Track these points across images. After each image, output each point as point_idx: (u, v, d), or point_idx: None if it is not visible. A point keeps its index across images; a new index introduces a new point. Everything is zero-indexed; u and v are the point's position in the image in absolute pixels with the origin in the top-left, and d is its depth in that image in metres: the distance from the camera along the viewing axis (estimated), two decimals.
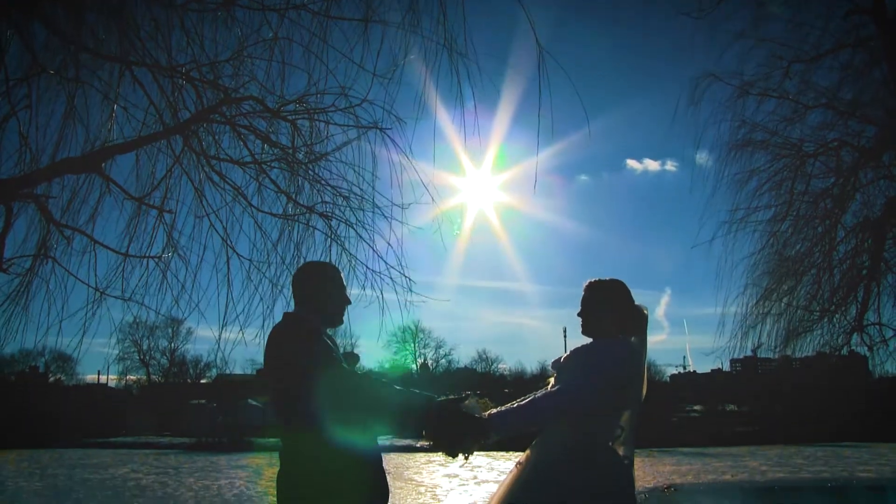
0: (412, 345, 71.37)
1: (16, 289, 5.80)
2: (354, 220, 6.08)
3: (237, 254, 6.01)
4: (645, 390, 3.39)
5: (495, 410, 3.18)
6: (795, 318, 10.82)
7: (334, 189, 6.04)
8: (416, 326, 69.70)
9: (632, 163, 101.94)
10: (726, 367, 65.95)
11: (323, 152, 6.01)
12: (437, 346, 73.28)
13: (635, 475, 3.27)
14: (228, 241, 5.94)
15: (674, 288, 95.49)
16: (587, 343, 3.42)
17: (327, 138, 6.05)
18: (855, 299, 10.75)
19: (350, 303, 3.45)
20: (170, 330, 67.26)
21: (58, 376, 70.34)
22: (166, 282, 6.05)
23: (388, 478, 3.25)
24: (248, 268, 6.10)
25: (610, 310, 3.40)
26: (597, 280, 3.50)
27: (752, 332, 11.02)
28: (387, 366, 67.58)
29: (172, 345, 71.74)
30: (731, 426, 58.91)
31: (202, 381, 74.31)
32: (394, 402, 3.11)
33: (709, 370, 74.69)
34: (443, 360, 73.32)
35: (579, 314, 3.50)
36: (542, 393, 3.22)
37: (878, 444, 44.82)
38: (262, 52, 5.99)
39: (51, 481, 24.43)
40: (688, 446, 47.27)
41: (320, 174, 6.04)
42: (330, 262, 6.13)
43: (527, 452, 3.32)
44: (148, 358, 72.39)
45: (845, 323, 10.87)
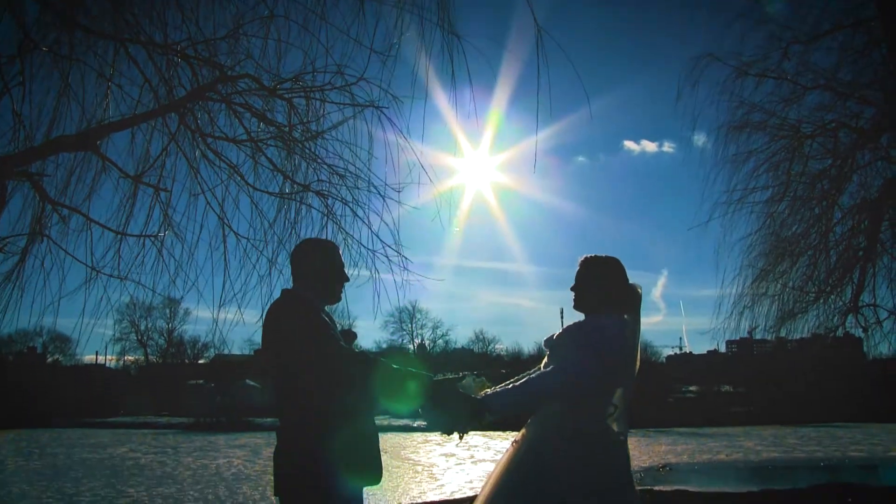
0: (409, 325, 71.64)
1: (11, 268, 5.79)
2: (351, 199, 6.07)
3: (234, 232, 6.00)
4: (637, 368, 3.39)
5: (491, 391, 3.19)
6: (791, 299, 10.87)
7: (330, 168, 6.02)
8: (414, 307, 69.94)
9: (629, 144, 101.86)
10: (722, 349, 66.18)
11: (319, 130, 5.99)
12: (435, 327, 73.56)
13: (630, 454, 3.28)
14: (225, 220, 5.94)
15: (671, 269, 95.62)
16: (579, 320, 3.42)
17: (323, 116, 6.03)
18: (851, 280, 10.78)
19: (348, 280, 3.44)
20: (167, 310, 67.41)
21: (56, 357, 70.55)
22: (162, 261, 6.05)
23: (385, 457, 3.27)
24: (246, 246, 6.09)
25: (604, 286, 3.39)
26: (593, 256, 3.50)
27: (747, 312, 11.07)
28: (384, 346, 67.80)
29: (170, 325, 71.98)
30: (726, 407, 59.27)
31: (200, 362, 74.56)
32: (390, 381, 3.12)
33: (705, 352, 75.00)
34: (440, 340, 73.63)
35: (572, 289, 3.49)
36: (537, 373, 3.22)
37: (871, 425, 45.19)
38: (257, 29, 5.95)
39: (50, 460, 24.55)
40: (683, 426, 47.58)
41: (317, 152, 6.03)
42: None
43: (522, 431, 3.34)
44: (146, 339, 72.63)
45: (841, 304, 10.91)
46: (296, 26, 5.78)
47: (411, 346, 70.78)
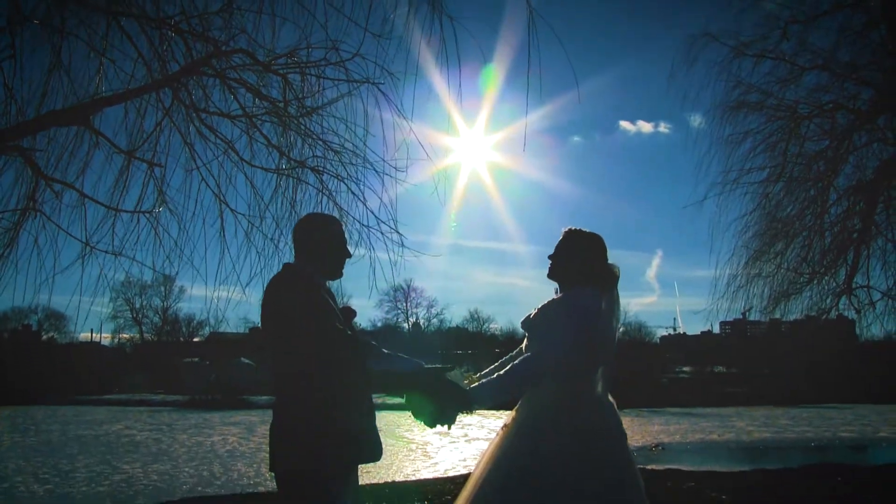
0: (404, 304, 71.77)
1: (5, 243, 5.75)
2: (346, 175, 6.04)
3: (229, 208, 5.97)
4: (615, 348, 3.38)
5: (477, 383, 3.17)
6: (785, 280, 10.90)
7: (325, 144, 5.97)
8: (409, 286, 70.02)
9: (625, 124, 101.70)
10: (716, 330, 66.55)
11: (315, 106, 5.94)
12: (430, 306, 73.72)
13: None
14: (221, 196, 5.90)
15: (665, 250, 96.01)
16: (556, 297, 3.40)
17: (319, 92, 5.98)
18: (845, 262, 10.81)
19: (350, 256, 3.41)
20: (162, 288, 67.31)
21: (51, 334, 70.51)
22: (158, 238, 6.02)
23: (380, 435, 3.26)
24: (246, 227, 6.07)
25: (582, 260, 3.37)
26: (576, 229, 3.47)
27: (741, 293, 11.11)
28: (378, 325, 67.93)
29: (165, 303, 71.97)
30: (719, 387, 59.70)
31: (195, 340, 74.63)
32: (379, 368, 3.11)
33: (699, 332, 75.42)
34: (434, 319, 73.79)
35: (551, 257, 3.47)
36: (521, 359, 3.19)
37: (862, 406, 45.60)
38: (251, 3, 5.86)
39: (45, 437, 24.65)
40: (676, 406, 47.94)
41: (312, 128, 5.98)
42: None
43: (512, 415, 3.33)
44: (141, 316, 72.68)
45: (834, 286, 10.95)
46: (290, 0, 5.72)
47: (406, 325, 71.00)
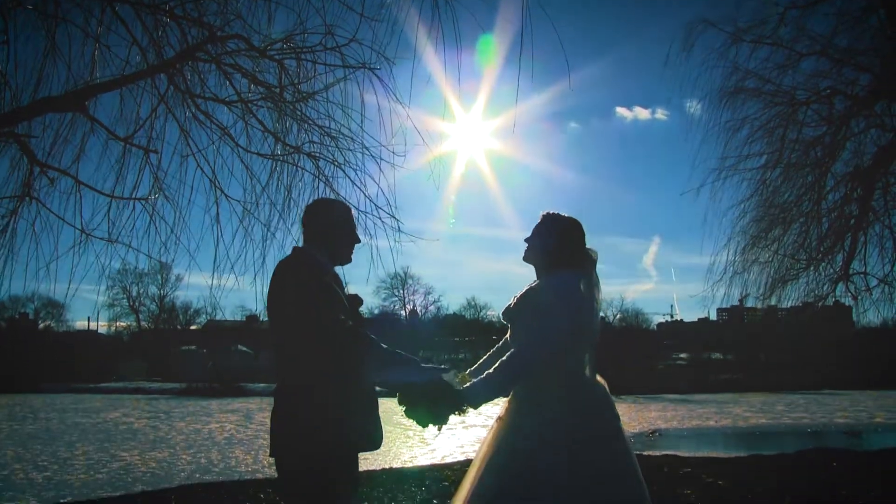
0: (401, 291, 71.76)
1: (1, 230, 5.72)
2: (343, 161, 6.02)
3: (225, 194, 5.95)
4: (598, 332, 3.34)
5: (469, 383, 3.12)
6: (782, 266, 10.90)
7: (322, 129, 5.95)
8: (406, 273, 70.01)
9: (621, 110, 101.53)
10: (713, 317, 66.71)
11: (311, 91, 5.91)
12: (427, 293, 73.71)
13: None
14: (216, 182, 5.88)
15: (663, 236, 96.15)
16: (534, 285, 3.37)
17: (314, 77, 5.95)
18: (842, 248, 10.82)
19: (359, 241, 3.40)
20: (159, 276, 67.16)
21: (47, 322, 70.51)
22: (154, 226, 6.00)
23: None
24: (241, 212, 6.05)
25: (564, 244, 3.35)
26: (555, 213, 3.45)
27: (738, 279, 11.11)
28: (376, 312, 67.96)
29: (162, 291, 71.84)
30: (715, 374, 59.95)
31: (192, 328, 74.67)
32: (378, 362, 3.09)
33: (695, 319, 75.61)
34: (432, 306, 73.84)
35: (528, 240, 3.44)
36: (508, 355, 3.11)
37: (857, 392, 45.84)
38: None
39: (43, 425, 24.69)
40: (673, 393, 48.16)
41: (308, 114, 5.95)
42: None
43: (505, 407, 3.30)
44: (137, 304, 72.64)
45: (831, 272, 10.96)
46: None
47: (403, 313, 71.04)
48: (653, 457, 11.24)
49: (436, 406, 3.01)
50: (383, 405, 3.30)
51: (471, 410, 3.06)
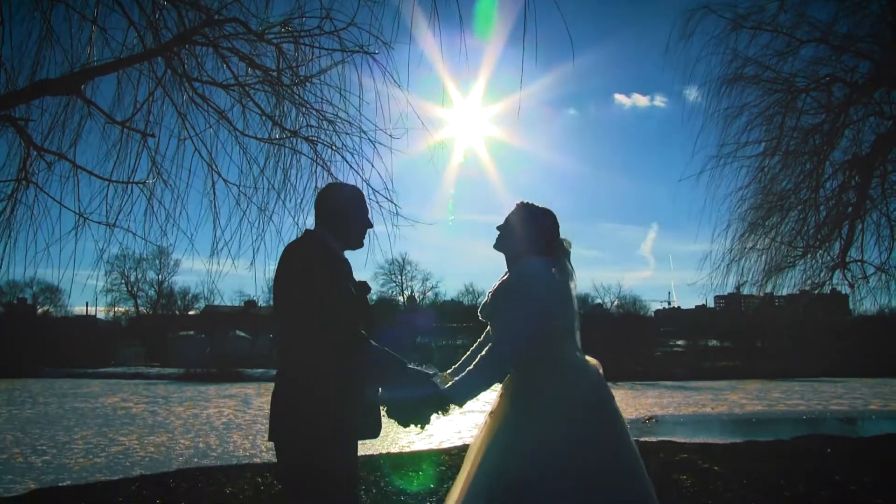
0: (399, 277, 71.80)
1: None
2: (340, 145, 6.01)
3: (223, 178, 5.95)
4: (577, 319, 3.32)
5: (450, 382, 3.12)
6: (779, 253, 10.93)
7: (319, 113, 5.94)
8: (404, 259, 70.06)
9: (620, 97, 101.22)
10: (710, 304, 66.79)
11: (308, 75, 5.89)
12: (424, 279, 73.76)
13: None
14: (214, 166, 5.87)
15: (661, 223, 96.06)
16: (506, 278, 3.35)
17: (312, 61, 5.92)
18: (839, 236, 10.83)
19: (371, 226, 3.37)
20: (157, 262, 67.21)
21: (46, 308, 70.53)
22: (151, 209, 6.00)
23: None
24: (237, 195, 6.05)
25: (531, 233, 3.33)
26: (528, 202, 3.43)
27: (735, 266, 11.13)
28: (374, 298, 67.98)
29: (160, 277, 71.85)
30: (712, 361, 60.12)
31: (190, 313, 74.72)
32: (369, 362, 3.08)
33: (693, 306, 75.76)
34: (430, 292, 73.90)
35: (500, 228, 3.42)
36: (487, 351, 3.12)
37: (853, 380, 46.02)
38: None
39: (42, 409, 24.74)
40: (670, 380, 48.32)
41: (306, 98, 5.94)
42: (316, 187, 6.09)
43: (497, 400, 3.29)
44: (136, 290, 72.58)
45: (828, 259, 10.98)
46: None
47: (401, 299, 71.07)
48: (649, 443, 11.29)
49: (418, 406, 3.00)
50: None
51: (455, 408, 3.06)
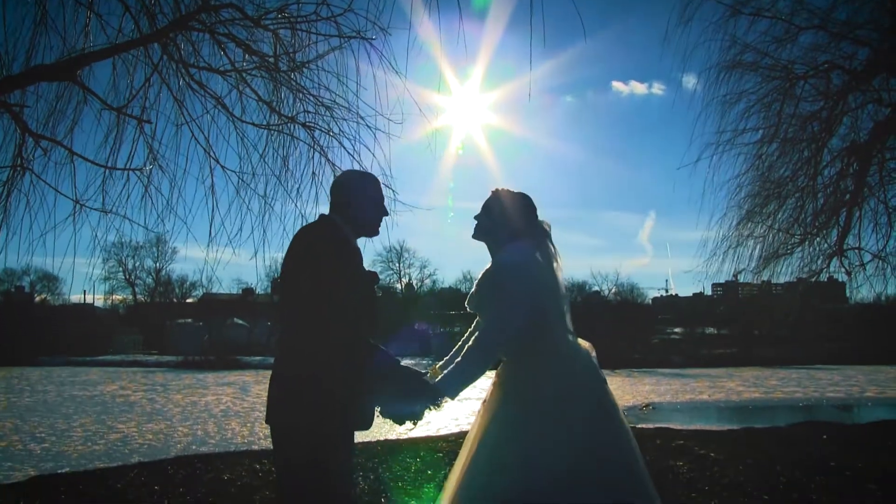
0: (397, 265, 71.81)
1: None
2: (338, 131, 5.98)
3: (220, 165, 5.93)
4: (566, 301, 3.31)
5: (440, 375, 3.11)
6: (777, 240, 10.93)
7: (316, 99, 5.91)
8: (402, 246, 70.07)
9: (617, 85, 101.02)
10: (708, 292, 66.92)
11: (305, 60, 5.86)
12: (422, 266, 73.71)
13: (617, 400, 3.19)
14: (211, 153, 5.85)
15: (659, 211, 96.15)
16: (488, 268, 3.34)
17: (309, 46, 5.89)
18: (837, 223, 10.84)
19: (387, 214, 3.33)
20: (155, 249, 67.11)
21: (43, 296, 70.48)
22: (149, 196, 5.98)
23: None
24: (236, 181, 6.04)
25: (509, 218, 3.32)
26: (505, 189, 3.41)
27: (732, 253, 11.13)
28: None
29: (158, 264, 71.76)
30: (709, 349, 60.29)
31: (188, 301, 74.72)
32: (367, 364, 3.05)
33: (690, 294, 75.91)
34: (427, 280, 73.92)
35: (477, 217, 3.41)
36: (474, 340, 3.11)
37: (849, 367, 46.20)
38: None
39: (41, 397, 24.80)
40: (667, 367, 48.48)
41: (303, 84, 5.91)
42: (313, 173, 6.09)
43: (490, 388, 3.28)
44: (133, 277, 72.53)
45: (826, 247, 10.99)
46: None
47: (399, 286, 71.09)
48: (646, 430, 11.35)
49: (410, 402, 2.99)
50: None
51: (448, 401, 3.04)
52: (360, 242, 3.31)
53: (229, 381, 32.84)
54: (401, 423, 3.07)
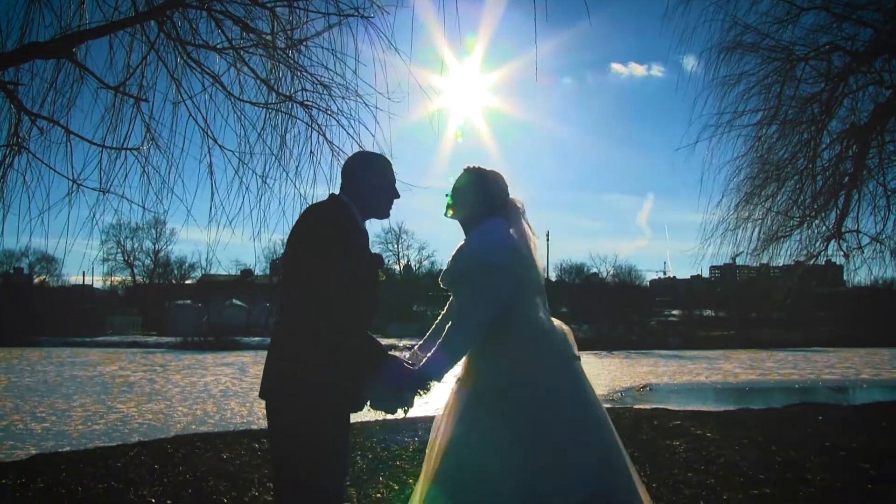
0: (395, 246, 71.85)
1: None
2: (336, 110, 5.95)
3: (218, 144, 5.90)
4: (542, 278, 3.29)
5: (423, 360, 3.07)
6: (775, 223, 10.93)
7: (314, 77, 5.88)
8: (400, 228, 70.12)
9: (617, 66, 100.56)
10: (706, 274, 66.96)
11: (303, 38, 5.82)
12: (420, 248, 73.84)
13: (611, 376, 3.19)
14: (209, 132, 5.82)
15: (657, 194, 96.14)
16: (461, 247, 3.34)
17: (307, 23, 5.85)
18: (835, 206, 10.84)
19: (398, 196, 3.28)
20: (153, 231, 67.06)
21: (42, 277, 70.49)
22: (146, 176, 5.96)
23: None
24: (235, 161, 6.01)
25: (481, 197, 3.29)
26: (476, 166, 3.38)
27: (730, 235, 11.13)
28: None
29: (156, 246, 71.71)
30: (707, 331, 60.54)
31: (187, 282, 74.78)
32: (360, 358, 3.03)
33: (688, 277, 76.05)
34: (426, 261, 73.97)
35: (448, 195, 3.38)
36: (450, 326, 3.10)
37: (846, 350, 46.41)
38: None
39: (41, 377, 24.86)
40: (664, 349, 48.67)
41: (300, 62, 5.87)
42: (311, 152, 6.06)
43: (464, 366, 3.26)
44: (132, 259, 72.49)
45: (824, 229, 11.00)
46: None
47: (397, 267, 71.13)
48: (643, 410, 11.41)
49: (398, 390, 2.97)
50: None
51: (435, 384, 3.02)
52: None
53: (228, 362, 32.95)
54: (393, 412, 3.06)
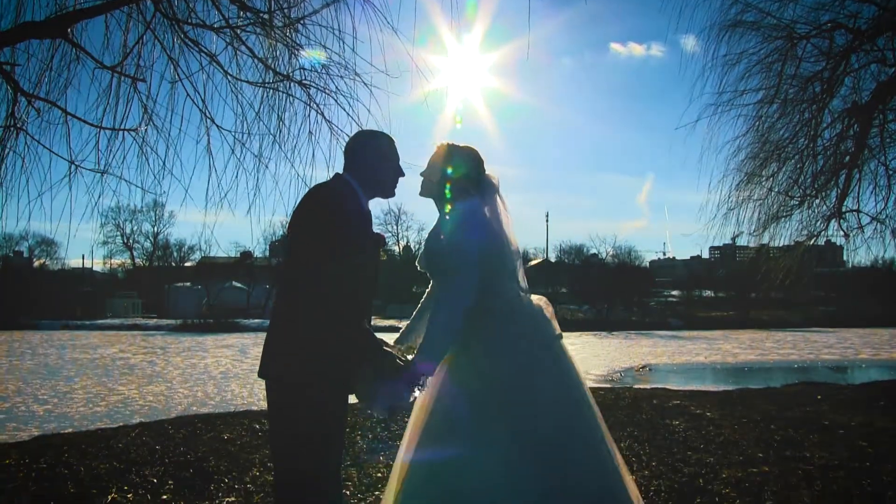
0: (395, 227, 71.85)
1: None
2: (334, 89, 5.91)
3: (216, 124, 5.86)
4: (516, 257, 3.26)
5: (416, 355, 3.01)
6: (776, 202, 10.91)
7: (311, 56, 5.83)
8: (399, 209, 70.13)
9: (616, 46, 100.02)
10: (705, 255, 67.10)
11: (301, 16, 5.76)
12: (420, 229, 73.55)
13: (610, 356, 3.18)
14: (207, 112, 5.78)
15: (657, 174, 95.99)
16: (435, 225, 3.31)
17: (305, 1, 5.79)
18: (836, 185, 10.81)
19: (403, 175, 3.22)
20: (153, 213, 67.03)
21: (42, 260, 70.54)
22: (144, 157, 5.92)
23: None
24: (232, 142, 5.98)
25: (456, 173, 3.25)
26: (450, 143, 3.32)
27: (731, 215, 11.12)
28: None
29: (156, 228, 71.71)
30: (706, 311, 60.72)
31: (186, 265, 74.82)
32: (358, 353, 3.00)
33: (688, 257, 76.20)
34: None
35: (423, 174, 3.32)
36: (433, 313, 3.07)
37: (845, 330, 46.55)
38: None
39: (42, 360, 24.94)
40: (664, 329, 48.82)
41: (298, 41, 5.83)
42: (310, 132, 6.03)
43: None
44: (132, 242, 72.50)
45: (825, 209, 10.98)
46: None
47: (397, 248, 71.17)
48: (642, 390, 11.45)
49: (396, 393, 2.93)
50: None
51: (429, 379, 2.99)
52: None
53: (228, 344, 33.04)
54: (393, 414, 3.05)
